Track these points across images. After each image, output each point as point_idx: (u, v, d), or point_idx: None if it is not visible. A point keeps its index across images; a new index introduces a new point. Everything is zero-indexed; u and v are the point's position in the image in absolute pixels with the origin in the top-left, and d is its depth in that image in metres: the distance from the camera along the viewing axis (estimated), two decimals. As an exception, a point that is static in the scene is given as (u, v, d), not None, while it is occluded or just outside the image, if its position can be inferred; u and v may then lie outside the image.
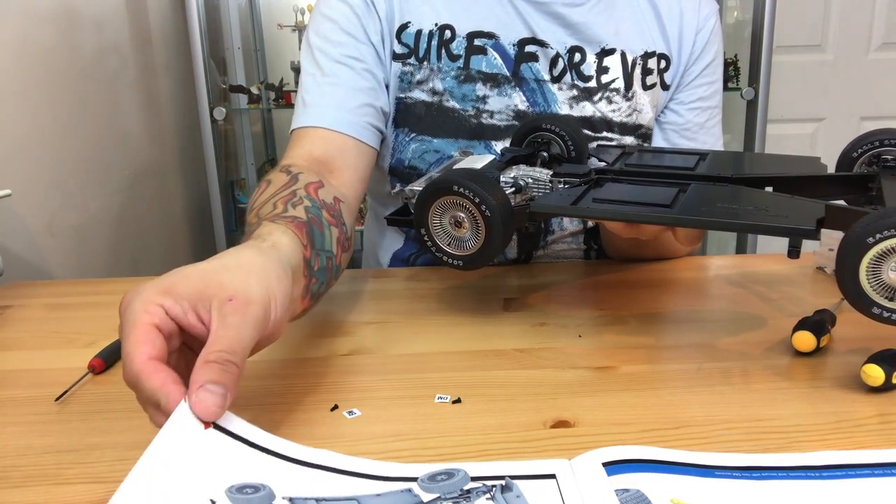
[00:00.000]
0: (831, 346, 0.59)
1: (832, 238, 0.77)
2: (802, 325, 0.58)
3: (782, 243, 0.53)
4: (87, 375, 0.57)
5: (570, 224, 0.91)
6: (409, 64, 0.84)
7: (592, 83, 0.87)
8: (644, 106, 0.88)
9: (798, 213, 0.53)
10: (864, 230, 0.46)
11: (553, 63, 0.86)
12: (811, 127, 2.36)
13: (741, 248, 2.05)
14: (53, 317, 0.74)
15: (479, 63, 0.84)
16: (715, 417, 0.48)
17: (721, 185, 0.61)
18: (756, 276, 0.79)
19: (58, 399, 0.53)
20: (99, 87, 1.35)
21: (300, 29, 2.11)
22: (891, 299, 0.47)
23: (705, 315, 0.69)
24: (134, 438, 0.48)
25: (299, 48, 2.15)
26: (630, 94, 0.87)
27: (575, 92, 0.86)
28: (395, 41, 0.84)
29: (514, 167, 0.68)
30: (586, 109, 0.87)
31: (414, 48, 0.84)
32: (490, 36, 0.84)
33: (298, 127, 0.81)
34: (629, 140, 0.89)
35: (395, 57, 0.84)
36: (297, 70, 2.08)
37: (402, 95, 0.85)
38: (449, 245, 0.61)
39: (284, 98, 2.01)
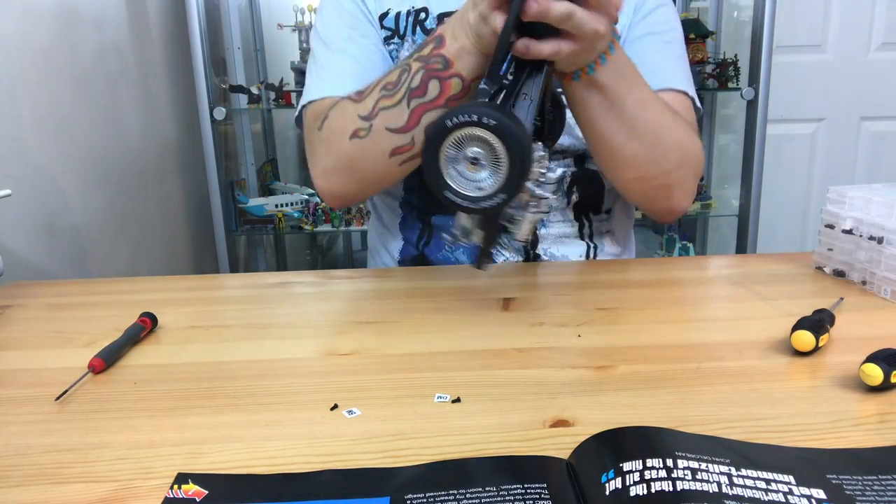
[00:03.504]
0: (830, 345, 0.60)
1: (832, 237, 0.77)
2: (801, 324, 0.58)
3: (783, 243, 0.53)
4: (87, 375, 0.57)
5: (555, 202, 0.92)
6: (393, 43, 0.91)
7: None
8: None
9: None
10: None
11: None
12: (811, 127, 2.36)
13: (741, 248, 2.05)
14: (53, 317, 0.74)
15: None
16: (714, 417, 0.48)
17: None
18: (755, 275, 0.79)
19: (58, 399, 0.53)
20: (99, 87, 1.35)
21: (300, 29, 2.11)
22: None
23: (705, 315, 0.69)
24: (134, 438, 0.48)
25: (299, 48, 2.15)
26: None
27: None
28: (381, 28, 0.91)
29: None
30: None
31: (395, 28, 0.90)
32: None
33: (319, 98, 0.86)
34: None
35: (384, 41, 0.91)
36: (297, 70, 2.08)
37: None
38: (466, 190, 0.55)
39: (284, 98, 2.01)
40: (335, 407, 0.51)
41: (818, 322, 0.59)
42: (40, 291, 0.83)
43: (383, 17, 0.91)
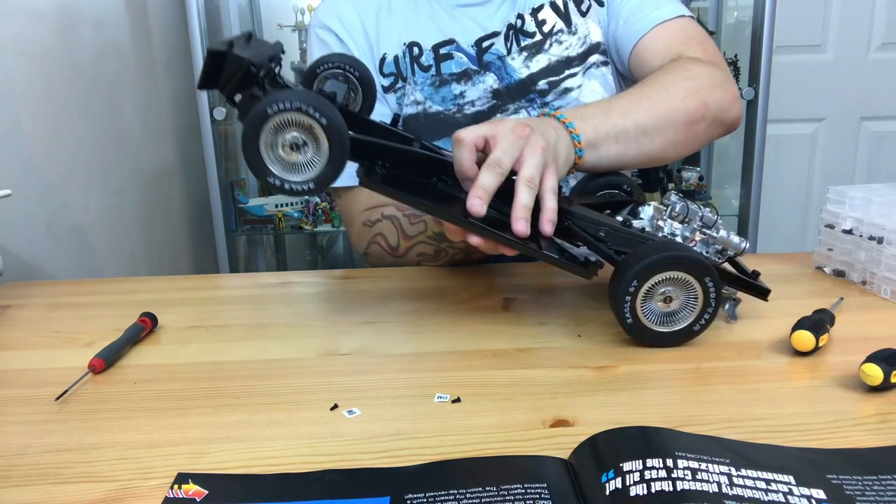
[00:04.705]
0: (830, 345, 0.60)
1: (832, 237, 0.77)
2: (801, 324, 0.58)
3: (783, 243, 0.53)
4: (87, 375, 0.57)
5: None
6: (399, 88, 0.92)
7: (538, 37, 0.92)
8: (589, 28, 0.93)
9: None
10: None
11: (506, 38, 0.93)
12: (811, 127, 2.36)
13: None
14: (53, 317, 0.74)
15: (448, 67, 0.92)
16: (714, 417, 0.48)
17: None
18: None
19: (58, 398, 0.53)
20: (99, 87, 1.35)
21: (300, 29, 2.11)
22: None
23: (705, 315, 0.69)
24: (134, 438, 0.48)
25: (299, 48, 2.15)
26: (573, 28, 0.92)
27: (526, 53, 0.92)
28: (381, 76, 0.92)
29: None
30: (541, 61, 0.92)
31: (398, 72, 0.92)
32: (451, 42, 0.92)
33: (339, 186, 0.92)
34: (593, 59, 0.92)
35: (385, 90, 0.93)
36: (297, 70, 2.08)
37: (402, 115, 0.93)
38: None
39: (284, 98, 2.00)
40: (335, 407, 0.51)
41: (818, 322, 0.59)
42: (40, 291, 0.83)
43: (382, 63, 0.92)
